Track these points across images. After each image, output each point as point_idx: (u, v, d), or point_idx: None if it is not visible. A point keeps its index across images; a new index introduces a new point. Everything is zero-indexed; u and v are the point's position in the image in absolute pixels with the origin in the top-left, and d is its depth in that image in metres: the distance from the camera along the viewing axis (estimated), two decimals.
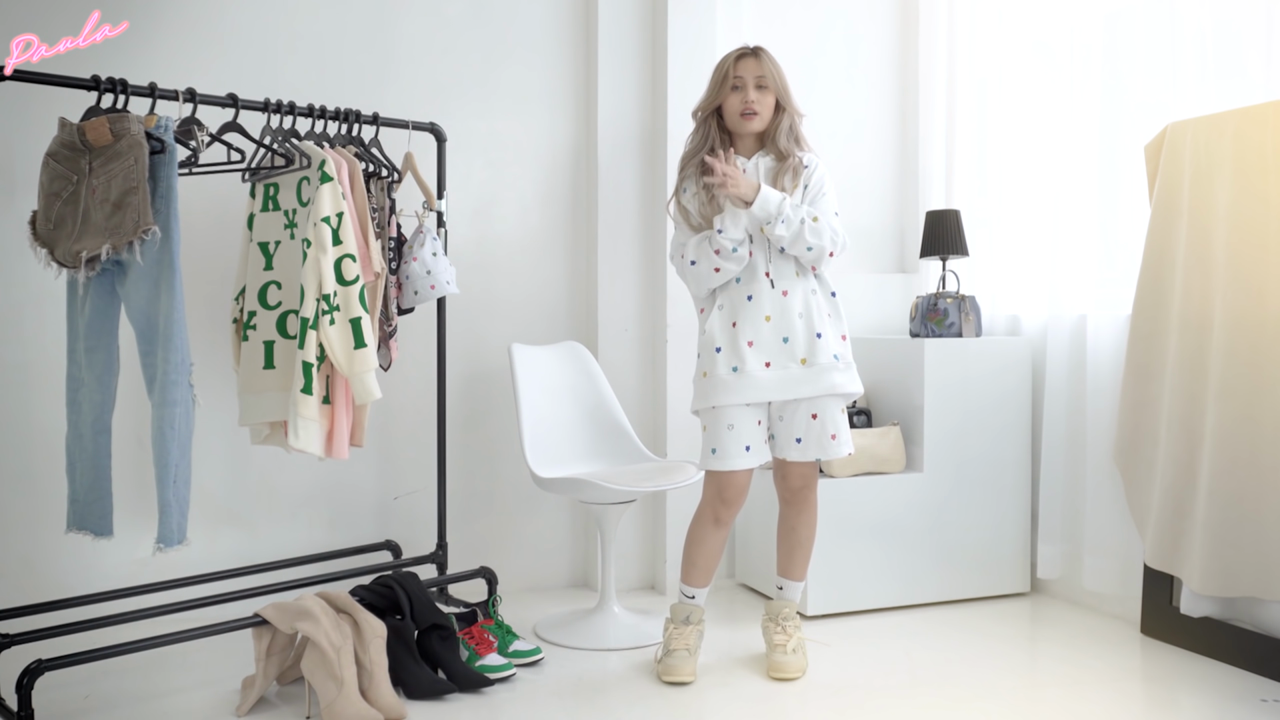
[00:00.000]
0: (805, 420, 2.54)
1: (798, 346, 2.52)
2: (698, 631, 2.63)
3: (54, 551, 2.83)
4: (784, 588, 2.72)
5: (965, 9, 3.55)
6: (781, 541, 2.72)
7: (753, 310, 2.53)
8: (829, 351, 2.52)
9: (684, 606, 2.64)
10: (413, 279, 2.83)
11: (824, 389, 2.51)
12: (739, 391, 2.51)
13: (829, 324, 2.56)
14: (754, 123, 2.57)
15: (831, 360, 2.52)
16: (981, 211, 3.54)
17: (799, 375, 2.51)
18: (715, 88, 2.61)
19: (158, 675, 2.58)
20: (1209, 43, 2.82)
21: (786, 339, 2.52)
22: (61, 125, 2.31)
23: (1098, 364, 3.06)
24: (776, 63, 2.60)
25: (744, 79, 2.56)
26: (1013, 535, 3.30)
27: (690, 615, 2.63)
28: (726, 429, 2.52)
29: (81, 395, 2.38)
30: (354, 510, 3.20)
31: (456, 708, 2.39)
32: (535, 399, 3.07)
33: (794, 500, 2.67)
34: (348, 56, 3.14)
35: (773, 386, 2.51)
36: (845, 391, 2.54)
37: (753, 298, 2.54)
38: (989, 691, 2.50)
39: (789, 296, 2.53)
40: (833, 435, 2.54)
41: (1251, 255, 2.55)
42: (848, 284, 3.62)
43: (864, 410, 3.28)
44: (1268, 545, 2.51)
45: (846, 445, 2.58)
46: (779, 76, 2.59)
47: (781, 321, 2.52)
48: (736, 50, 2.61)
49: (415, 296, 2.84)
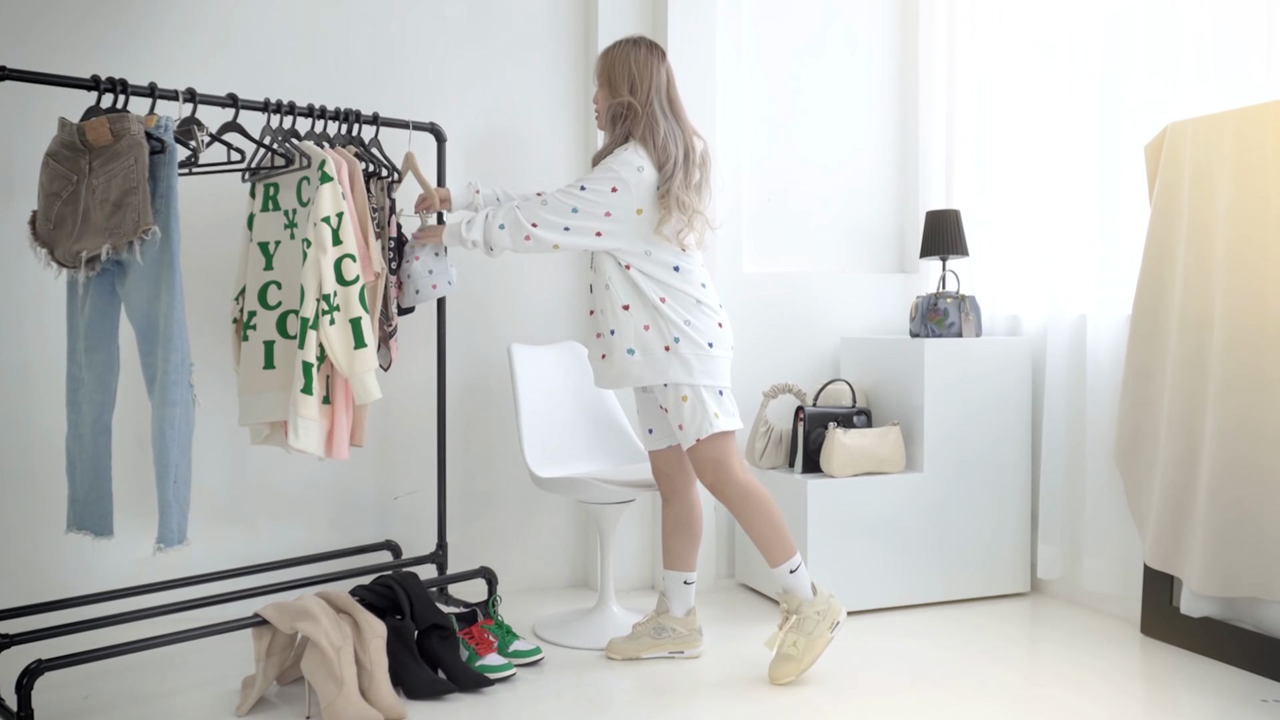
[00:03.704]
0: (656, 412, 2.68)
1: (604, 340, 2.62)
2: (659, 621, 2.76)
3: (54, 551, 2.83)
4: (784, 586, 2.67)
5: (965, 9, 3.55)
6: (746, 531, 2.64)
7: (589, 305, 2.69)
8: (623, 346, 2.57)
9: None
10: (414, 278, 2.82)
11: (613, 380, 2.60)
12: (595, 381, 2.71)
13: (624, 317, 2.56)
14: (598, 120, 2.69)
15: (625, 354, 2.56)
16: (981, 211, 3.54)
17: (608, 368, 2.62)
18: None
19: (158, 675, 2.58)
20: (1209, 43, 2.82)
21: (599, 334, 2.63)
22: (61, 125, 2.31)
23: (1098, 364, 3.06)
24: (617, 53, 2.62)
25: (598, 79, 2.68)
26: (1013, 535, 3.30)
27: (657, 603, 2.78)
28: (636, 414, 2.76)
29: (81, 395, 2.38)
30: (354, 510, 3.20)
31: (456, 708, 2.39)
32: (535, 399, 3.08)
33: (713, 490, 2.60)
34: (348, 56, 3.14)
35: (599, 378, 2.67)
36: (641, 383, 2.58)
37: (592, 289, 2.67)
38: (989, 691, 2.50)
39: (594, 292, 2.65)
40: (680, 425, 2.57)
41: (1251, 255, 2.55)
42: (848, 284, 3.64)
43: (864, 410, 3.28)
44: (1268, 545, 2.51)
45: (695, 431, 2.54)
46: (608, 69, 2.63)
47: (599, 316, 2.64)
48: None
49: (416, 296, 2.84)
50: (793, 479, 3.15)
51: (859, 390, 3.40)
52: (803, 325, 3.57)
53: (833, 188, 3.71)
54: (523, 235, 2.56)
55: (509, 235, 2.57)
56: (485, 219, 2.60)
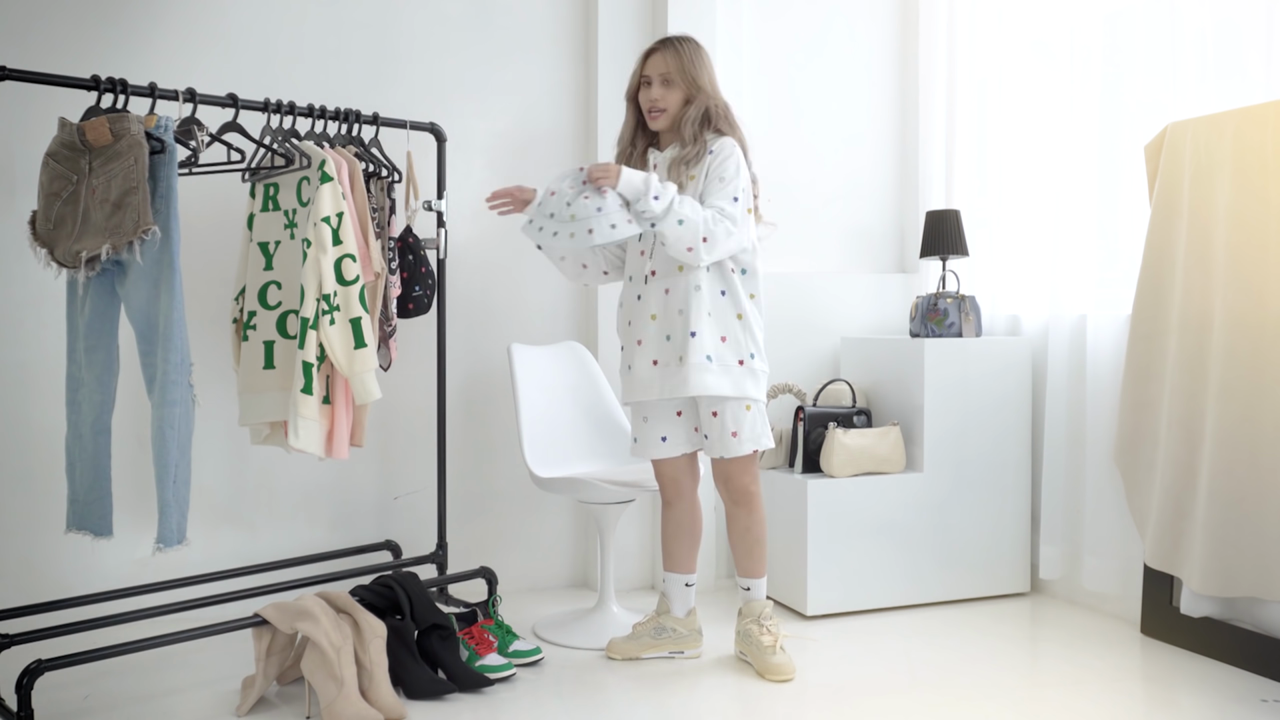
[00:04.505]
0: (707, 418, 2.57)
1: (677, 344, 2.54)
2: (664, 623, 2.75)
3: (54, 551, 2.83)
4: (751, 587, 2.69)
5: (965, 9, 3.55)
6: (737, 542, 2.68)
7: (641, 309, 2.59)
8: (702, 351, 2.51)
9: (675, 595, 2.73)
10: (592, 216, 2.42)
11: (695, 388, 2.51)
12: (629, 391, 2.62)
13: (707, 323, 2.52)
14: (660, 120, 2.58)
15: (704, 360, 2.50)
16: (981, 211, 3.54)
17: (675, 373, 2.53)
18: (632, 78, 2.64)
19: (158, 675, 2.58)
20: (1209, 43, 2.82)
21: (669, 336, 2.55)
22: (61, 125, 2.31)
23: (1098, 364, 3.06)
24: (691, 54, 2.56)
25: (650, 76, 2.57)
26: (1013, 535, 3.30)
27: (659, 604, 2.75)
28: (642, 421, 2.63)
29: (81, 395, 2.38)
30: (354, 510, 3.20)
31: (456, 708, 2.39)
32: (535, 399, 3.07)
33: (737, 499, 2.65)
34: (348, 56, 3.14)
35: (655, 385, 2.56)
36: (716, 394, 2.51)
37: (641, 297, 2.59)
38: (989, 691, 2.50)
39: (670, 294, 2.55)
40: (734, 433, 2.54)
41: (1251, 255, 2.55)
42: (848, 284, 3.64)
43: (864, 410, 3.28)
44: (1268, 545, 2.51)
45: (749, 443, 2.55)
46: (688, 68, 2.54)
47: (665, 319, 2.55)
48: (652, 44, 2.62)
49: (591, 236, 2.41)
50: (793, 479, 3.15)
51: (859, 390, 3.40)
52: (803, 325, 3.57)
53: (833, 187, 3.71)
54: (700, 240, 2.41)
55: (684, 232, 2.41)
56: (673, 200, 2.42)
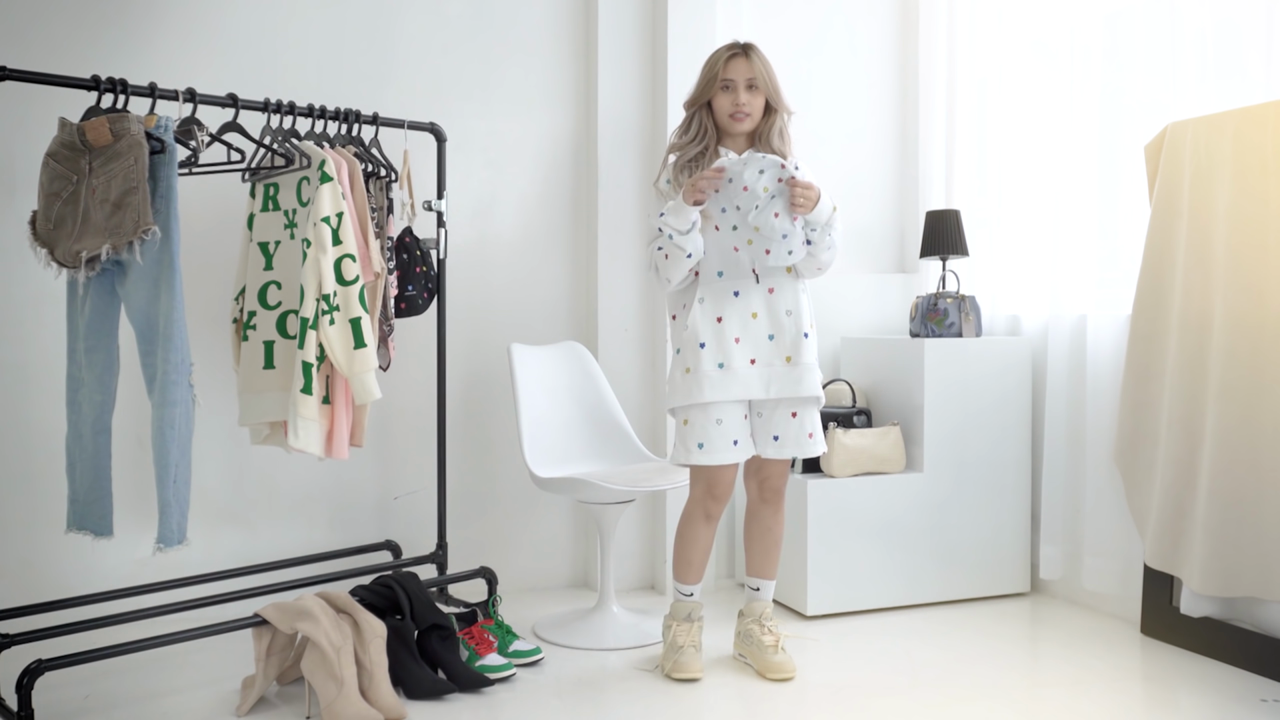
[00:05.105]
0: (785, 418, 2.54)
1: (784, 344, 2.52)
2: (700, 628, 2.65)
3: (54, 551, 2.83)
4: (760, 588, 2.71)
5: (965, 9, 3.55)
6: (756, 541, 2.70)
7: (739, 306, 2.53)
8: (813, 351, 2.53)
9: (685, 604, 2.64)
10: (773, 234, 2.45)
11: (809, 388, 2.51)
12: (724, 388, 2.50)
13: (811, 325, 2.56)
14: (745, 124, 2.56)
15: (814, 361, 2.53)
16: (981, 211, 3.54)
17: (783, 373, 2.51)
18: (705, 84, 2.58)
19: (158, 675, 2.58)
20: (1209, 43, 2.82)
21: (772, 336, 2.52)
22: (61, 125, 2.31)
23: (1098, 364, 3.06)
24: (767, 60, 2.57)
25: (734, 80, 2.54)
26: (1013, 535, 3.30)
27: (692, 612, 2.63)
28: (715, 424, 2.50)
29: (81, 395, 2.38)
30: (354, 510, 3.20)
31: (456, 708, 2.39)
32: (535, 399, 3.07)
33: (770, 499, 2.67)
34: (348, 56, 3.14)
35: (757, 384, 2.51)
36: (817, 394, 2.54)
37: (739, 294, 2.53)
38: (989, 691, 2.50)
39: (775, 294, 2.53)
40: (810, 434, 2.55)
41: (1251, 255, 2.55)
42: (848, 284, 3.64)
43: (864, 410, 3.28)
44: (1268, 545, 2.51)
45: (822, 444, 2.59)
46: (770, 76, 2.56)
47: (768, 318, 2.53)
48: (727, 48, 2.58)
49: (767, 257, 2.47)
50: (793, 479, 3.15)
51: (859, 390, 3.40)
52: None
53: (832, 187, 3.70)
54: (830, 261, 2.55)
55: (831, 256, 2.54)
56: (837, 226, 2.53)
